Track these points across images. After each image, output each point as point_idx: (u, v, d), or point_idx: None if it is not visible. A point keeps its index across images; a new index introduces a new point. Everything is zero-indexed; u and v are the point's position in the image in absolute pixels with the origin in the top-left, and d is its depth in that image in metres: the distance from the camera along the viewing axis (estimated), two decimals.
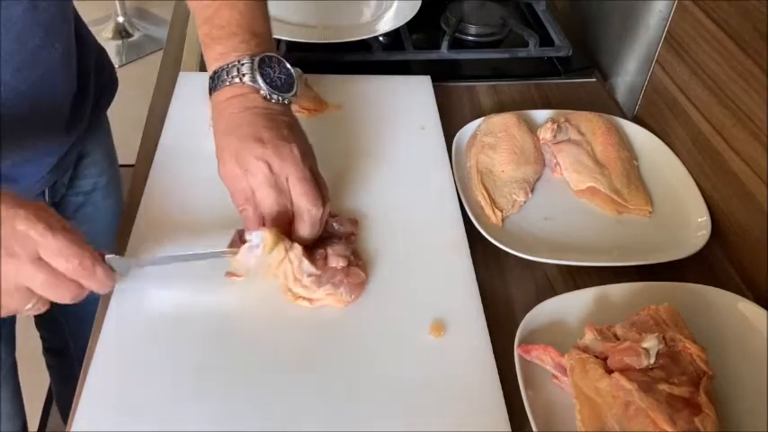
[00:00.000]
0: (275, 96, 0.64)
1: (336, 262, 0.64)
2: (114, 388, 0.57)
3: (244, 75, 0.63)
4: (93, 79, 0.82)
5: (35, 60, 0.66)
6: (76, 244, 0.52)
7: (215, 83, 0.65)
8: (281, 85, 0.65)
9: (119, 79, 0.91)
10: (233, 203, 0.64)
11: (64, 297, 0.54)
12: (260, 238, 0.60)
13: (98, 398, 0.56)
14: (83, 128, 0.80)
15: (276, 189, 0.61)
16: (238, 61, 0.64)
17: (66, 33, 0.72)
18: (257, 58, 0.64)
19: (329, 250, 0.65)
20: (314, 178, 0.63)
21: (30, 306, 0.53)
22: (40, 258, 0.51)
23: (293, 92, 0.66)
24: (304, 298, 0.63)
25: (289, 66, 0.67)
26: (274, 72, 0.65)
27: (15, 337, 0.86)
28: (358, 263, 0.66)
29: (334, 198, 0.74)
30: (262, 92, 0.64)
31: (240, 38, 0.65)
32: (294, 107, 0.84)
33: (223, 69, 0.64)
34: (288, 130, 0.63)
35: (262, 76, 0.64)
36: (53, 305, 0.99)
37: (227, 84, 0.64)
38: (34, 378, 1.16)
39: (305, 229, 0.63)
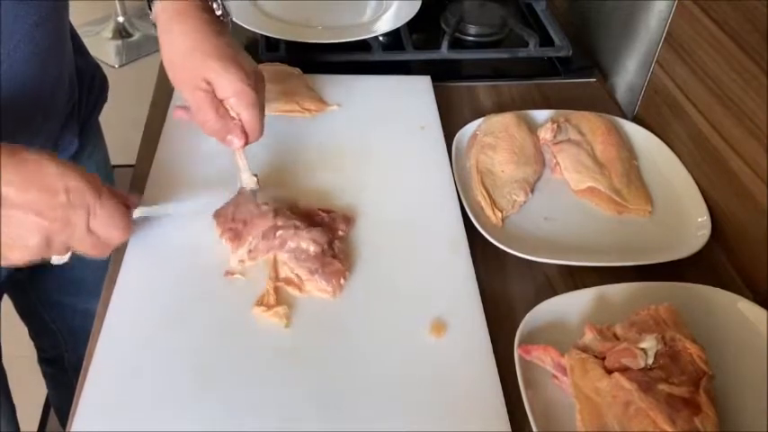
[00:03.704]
0: (220, 7, 0.68)
1: (307, 245, 0.65)
2: (113, 389, 0.56)
3: None
4: (84, 104, 0.81)
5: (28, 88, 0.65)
6: (119, 212, 0.58)
7: None
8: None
9: (120, 79, 0.90)
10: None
11: (96, 255, 0.59)
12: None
13: (97, 399, 0.56)
14: (68, 156, 0.78)
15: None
16: None
17: (60, 62, 0.71)
18: None
19: (306, 232, 0.65)
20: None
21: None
22: (90, 228, 0.56)
23: (228, 12, 0.70)
24: (294, 285, 0.64)
25: None
26: None
27: (1, 346, 0.86)
28: (338, 255, 0.66)
29: (334, 197, 0.74)
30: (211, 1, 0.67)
31: None
32: (295, 107, 0.85)
33: None
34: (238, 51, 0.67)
35: None
36: (51, 316, 0.99)
37: None
38: (34, 380, 1.17)
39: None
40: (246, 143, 0.67)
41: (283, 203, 0.70)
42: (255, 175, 0.70)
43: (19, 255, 0.54)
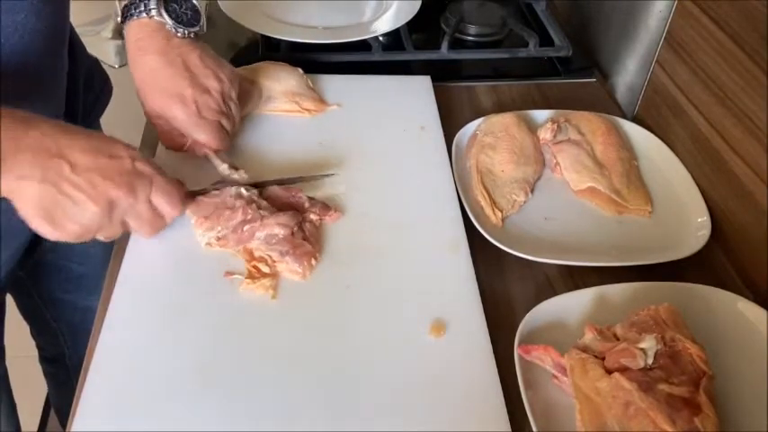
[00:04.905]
0: (180, 31, 0.69)
1: (276, 230, 0.66)
2: (113, 389, 0.56)
3: (150, 9, 0.68)
4: (81, 99, 0.82)
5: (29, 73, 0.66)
6: (177, 187, 0.62)
7: (125, 16, 0.70)
8: (188, 21, 0.70)
9: (120, 79, 0.90)
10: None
11: (149, 234, 0.62)
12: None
13: (97, 399, 0.56)
14: None
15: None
16: None
17: (61, 47, 0.71)
18: None
19: (273, 219, 0.67)
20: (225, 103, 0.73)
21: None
22: (150, 200, 0.59)
23: (198, 26, 0.71)
24: (265, 262, 0.66)
25: (195, 2, 0.72)
26: (180, 8, 0.70)
27: (4, 346, 0.86)
28: (309, 238, 0.67)
29: (333, 196, 0.74)
30: (167, 26, 0.69)
31: None
32: (295, 107, 0.85)
33: (132, 3, 0.69)
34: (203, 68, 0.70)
35: (167, 11, 0.68)
36: (52, 314, 0.99)
37: (135, 18, 0.69)
38: (34, 380, 1.17)
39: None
40: (215, 151, 0.73)
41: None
42: (237, 168, 0.73)
43: (77, 225, 0.55)
